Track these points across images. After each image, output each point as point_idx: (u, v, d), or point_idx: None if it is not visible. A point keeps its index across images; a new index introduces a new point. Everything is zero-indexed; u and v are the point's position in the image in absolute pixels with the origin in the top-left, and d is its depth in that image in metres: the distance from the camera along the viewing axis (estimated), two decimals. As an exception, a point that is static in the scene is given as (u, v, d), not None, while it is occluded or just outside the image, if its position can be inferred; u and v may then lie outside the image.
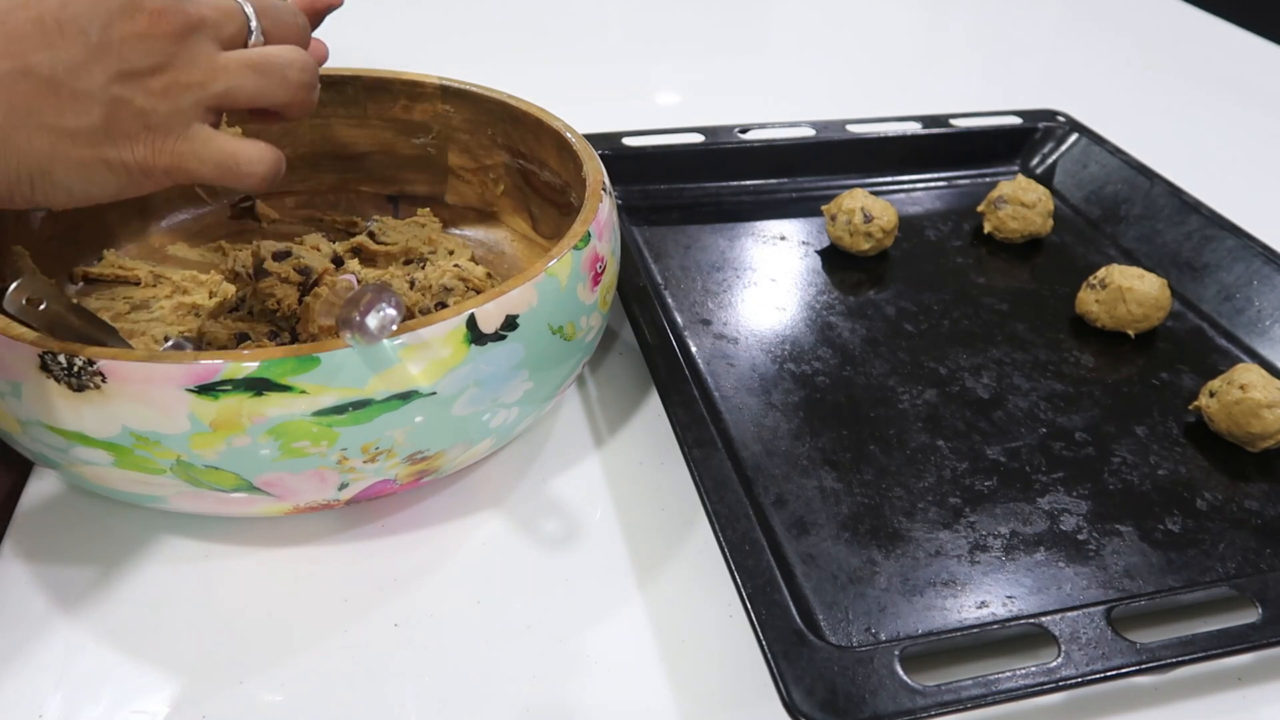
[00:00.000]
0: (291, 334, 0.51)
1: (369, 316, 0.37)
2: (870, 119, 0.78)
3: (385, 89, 0.61)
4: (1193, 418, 0.55)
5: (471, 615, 0.44)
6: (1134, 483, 0.51)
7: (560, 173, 0.57)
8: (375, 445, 0.41)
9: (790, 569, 0.44)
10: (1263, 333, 0.61)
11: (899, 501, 0.49)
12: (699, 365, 0.57)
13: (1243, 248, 0.65)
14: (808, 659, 0.38)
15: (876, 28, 1.19)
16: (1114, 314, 0.61)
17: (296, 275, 0.53)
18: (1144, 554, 0.47)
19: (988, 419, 0.54)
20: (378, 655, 0.42)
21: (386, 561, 0.46)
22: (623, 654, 0.42)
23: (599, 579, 0.46)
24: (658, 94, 0.99)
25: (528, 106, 0.58)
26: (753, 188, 0.75)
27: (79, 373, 0.37)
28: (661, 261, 0.66)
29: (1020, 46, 1.16)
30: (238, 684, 0.40)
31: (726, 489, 0.45)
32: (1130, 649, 0.39)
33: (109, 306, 0.54)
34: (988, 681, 0.38)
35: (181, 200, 0.61)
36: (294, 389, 0.38)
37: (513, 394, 0.44)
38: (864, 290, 0.65)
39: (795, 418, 0.54)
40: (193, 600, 0.44)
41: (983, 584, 0.45)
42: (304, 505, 0.43)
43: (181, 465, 0.39)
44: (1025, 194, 0.70)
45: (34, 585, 0.44)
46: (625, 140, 0.73)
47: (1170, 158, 0.77)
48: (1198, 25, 1.21)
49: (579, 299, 0.46)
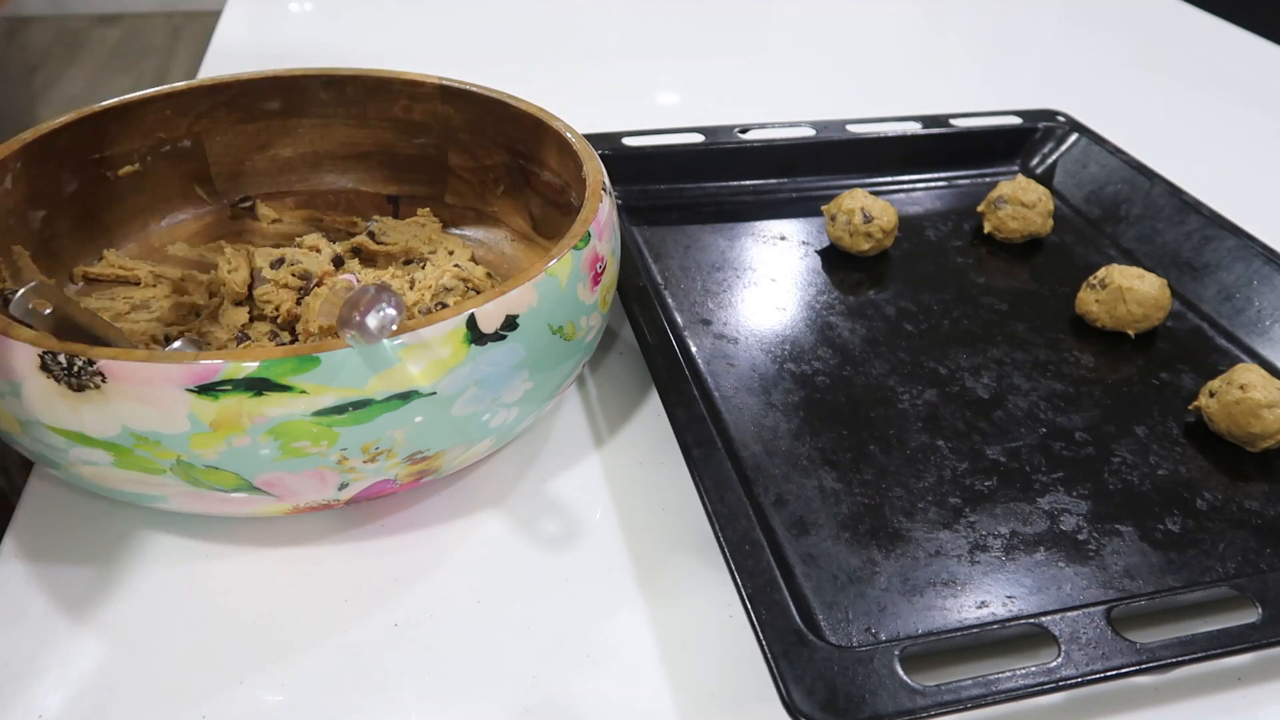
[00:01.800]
0: (292, 334, 0.51)
1: (369, 316, 0.37)
2: (870, 119, 0.78)
3: (385, 89, 0.61)
4: (1193, 418, 0.55)
5: (471, 615, 0.44)
6: (1134, 483, 0.51)
7: (560, 173, 0.57)
8: (375, 445, 0.41)
9: (790, 569, 0.44)
10: (1263, 333, 0.61)
11: (899, 501, 0.49)
12: (699, 365, 0.57)
13: (1243, 248, 0.65)
14: (808, 659, 0.38)
15: (876, 28, 1.19)
16: (1114, 314, 0.61)
17: (296, 280, 0.54)
18: (1144, 554, 0.47)
19: (988, 419, 0.54)
20: (378, 655, 0.42)
21: (386, 561, 0.46)
22: (623, 654, 0.42)
23: (599, 579, 0.46)
24: (658, 94, 0.99)
25: (528, 106, 0.58)
26: (753, 188, 0.75)
27: (79, 372, 0.37)
28: (661, 261, 0.66)
29: (1020, 47, 1.16)
30: (238, 684, 0.40)
31: (726, 489, 0.45)
32: (1130, 649, 0.39)
33: (109, 306, 0.54)
34: (988, 681, 0.38)
35: (181, 200, 0.61)
36: (294, 389, 0.38)
37: (513, 394, 0.44)
38: (864, 290, 0.65)
39: (795, 418, 0.54)
40: (193, 600, 0.44)
41: (983, 584, 0.45)
42: (304, 505, 0.43)
43: (181, 465, 0.39)
44: (1025, 194, 0.70)
45: (34, 585, 0.44)
46: (625, 140, 0.74)
47: (1170, 158, 0.77)
48: (1198, 25, 1.21)
49: (579, 299, 0.46)
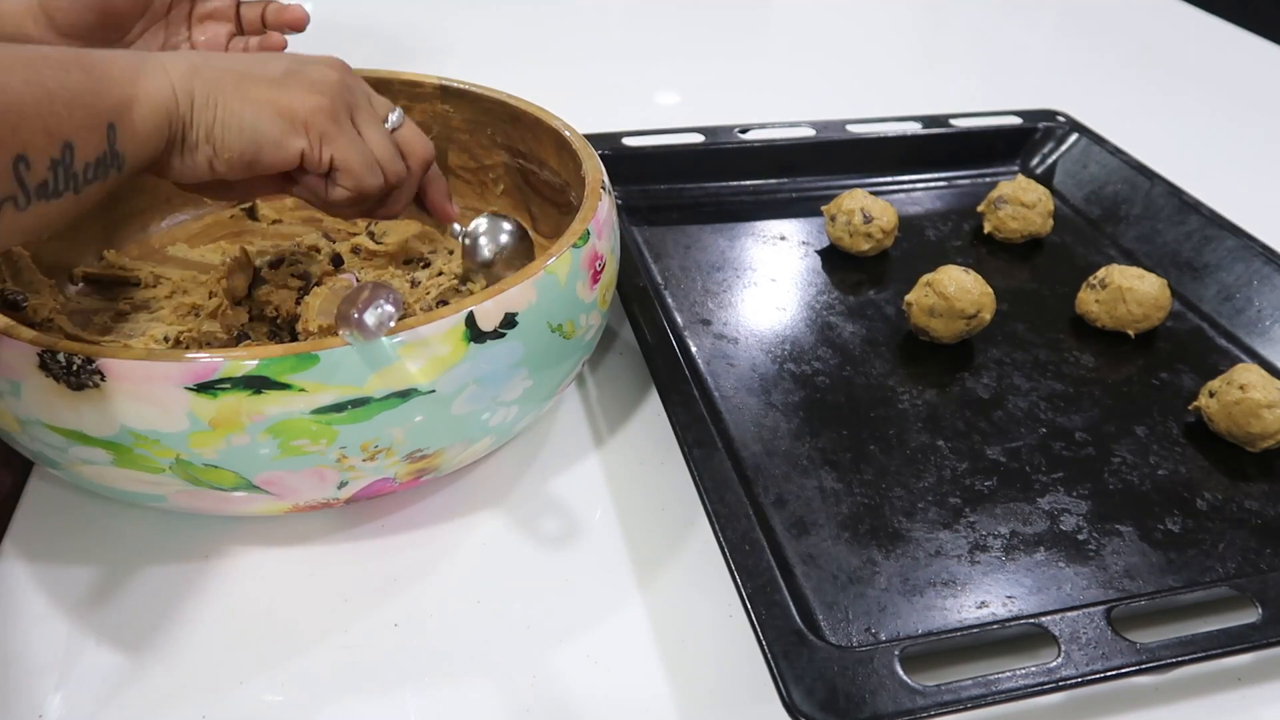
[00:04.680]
0: (291, 334, 0.51)
1: (367, 313, 0.37)
2: (870, 119, 0.78)
3: (385, 89, 0.61)
4: (1193, 418, 0.55)
5: (471, 615, 0.44)
6: (1134, 483, 0.51)
7: (559, 172, 0.57)
8: (374, 443, 0.40)
9: (790, 569, 0.44)
10: (1263, 333, 0.61)
11: (899, 501, 0.49)
12: (699, 365, 0.57)
13: (1243, 248, 0.65)
14: (808, 659, 0.38)
15: (876, 28, 1.19)
16: (1114, 314, 0.61)
17: (296, 280, 0.53)
18: (1144, 554, 0.47)
19: (988, 419, 0.54)
20: (378, 655, 0.42)
21: (386, 561, 0.46)
22: (623, 654, 0.42)
23: (599, 579, 0.46)
24: (658, 94, 0.99)
25: (527, 106, 0.58)
26: (753, 188, 0.75)
27: (78, 371, 0.37)
28: (661, 261, 0.66)
29: (1020, 46, 1.16)
30: (238, 684, 0.40)
31: (726, 489, 0.45)
32: (1130, 649, 0.39)
33: (109, 306, 0.54)
34: (988, 681, 0.37)
35: (181, 200, 0.61)
36: (293, 387, 0.38)
37: (512, 392, 0.44)
38: (864, 290, 0.65)
39: (795, 418, 0.53)
40: (193, 600, 0.44)
41: (983, 584, 0.45)
42: (303, 504, 0.43)
43: (181, 464, 0.39)
44: (1025, 194, 0.70)
45: (34, 585, 0.44)
46: (625, 140, 0.73)
47: (1170, 158, 0.77)
48: (1198, 25, 1.21)
49: (578, 297, 0.46)
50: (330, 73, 0.43)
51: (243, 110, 0.40)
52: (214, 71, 0.40)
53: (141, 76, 0.37)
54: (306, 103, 0.42)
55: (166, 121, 0.38)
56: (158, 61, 0.38)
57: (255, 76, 0.41)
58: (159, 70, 0.38)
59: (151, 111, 0.37)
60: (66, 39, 0.49)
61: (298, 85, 0.42)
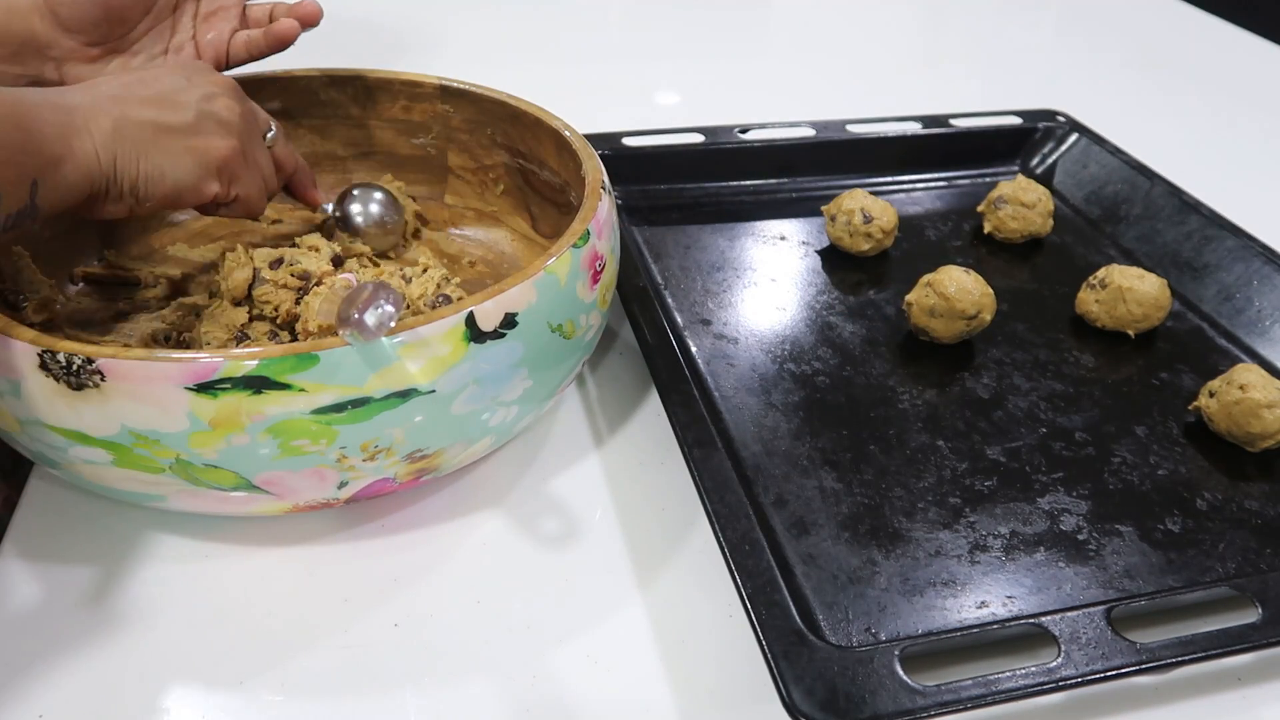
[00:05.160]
0: (291, 334, 0.51)
1: (367, 313, 0.37)
2: (870, 119, 0.78)
3: (385, 89, 0.61)
4: (1193, 418, 0.55)
5: (471, 615, 0.44)
6: (1134, 483, 0.51)
7: (559, 172, 0.57)
8: (374, 443, 0.40)
9: (790, 569, 0.44)
10: (1263, 333, 0.61)
11: (899, 501, 0.49)
12: (699, 365, 0.57)
13: (1243, 248, 0.65)
14: (808, 659, 0.38)
15: (876, 28, 1.19)
16: (1114, 314, 0.61)
17: (295, 280, 0.53)
18: (1144, 554, 0.47)
19: (988, 419, 0.54)
20: (378, 655, 0.42)
21: (386, 561, 0.46)
22: (623, 654, 0.42)
23: (599, 579, 0.46)
24: (658, 94, 0.99)
25: (527, 106, 0.58)
26: (753, 188, 0.75)
27: (78, 371, 0.37)
28: (661, 261, 0.66)
29: (1020, 46, 1.16)
30: (238, 684, 0.40)
31: (726, 489, 0.45)
32: (1130, 649, 0.39)
33: (109, 306, 0.54)
34: (988, 681, 0.37)
35: (181, 200, 0.61)
36: (293, 387, 0.38)
37: (512, 392, 0.44)
38: (864, 290, 0.65)
39: (795, 418, 0.54)
40: (193, 600, 0.44)
41: (983, 584, 0.45)
42: (303, 504, 0.43)
43: (180, 464, 0.39)
44: (1025, 194, 0.70)
45: (34, 585, 0.44)
46: (625, 140, 0.73)
47: (1170, 158, 0.77)
48: (1198, 25, 1.21)
49: (578, 297, 0.46)
50: (233, 105, 0.47)
51: (163, 163, 0.43)
52: (133, 128, 0.42)
53: (70, 134, 0.39)
54: (220, 149, 0.45)
55: (89, 181, 0.41)
56: (84, 120, 0.41)
57: (172, 127, 0.44)
58: (84, 132, 0.40)
59: (75, 170, 0.40)
60: (72, 35, 0.49)
61: (210, 129, 0.45)
